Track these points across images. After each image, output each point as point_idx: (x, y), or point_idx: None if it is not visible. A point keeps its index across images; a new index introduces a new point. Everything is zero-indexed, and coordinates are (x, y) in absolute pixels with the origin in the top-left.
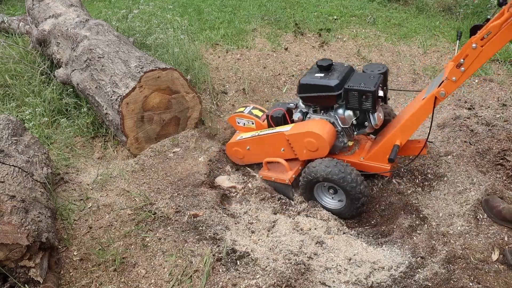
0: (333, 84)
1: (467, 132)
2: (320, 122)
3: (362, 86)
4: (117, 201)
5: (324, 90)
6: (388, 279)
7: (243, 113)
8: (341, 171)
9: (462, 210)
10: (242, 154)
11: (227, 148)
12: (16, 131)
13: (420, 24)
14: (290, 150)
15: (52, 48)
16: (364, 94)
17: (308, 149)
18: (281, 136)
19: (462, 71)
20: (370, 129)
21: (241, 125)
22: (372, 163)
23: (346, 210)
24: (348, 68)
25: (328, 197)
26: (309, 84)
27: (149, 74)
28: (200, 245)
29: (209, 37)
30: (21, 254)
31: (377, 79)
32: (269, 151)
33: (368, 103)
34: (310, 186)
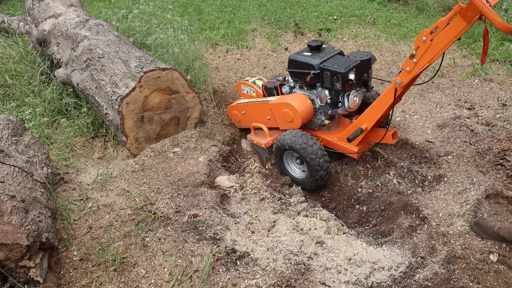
0: (314, 63)
1: (467, 132)
2: (299, 96)
3: (335, 67)
4: (117, 201)
5: (306, 67)
6: (388, 279)
7: (248, 82)
8: (304, 142)
9: (462, 210)
10: (239, 118)
11: (228, 109)
12: (16, 131)
13: (420, 24)
14: (274, 119)
15: (52, 48)
16: (335, 75)
17: (286, 119)
18: (267, 105)
19: (414, 62)
20: (343, 110)
21: (245, 92)
22: (342, 143)
23: (307, 181)
24: (337, 52)
25: (295, 166)
26: (296, 60)
27: (149, 74)
28: (200, 245)
29: (209, 37)
30: (21, 254)
31: (351, 63)
32: (258, 118)
33: (338, 84)
34: (280, 153)
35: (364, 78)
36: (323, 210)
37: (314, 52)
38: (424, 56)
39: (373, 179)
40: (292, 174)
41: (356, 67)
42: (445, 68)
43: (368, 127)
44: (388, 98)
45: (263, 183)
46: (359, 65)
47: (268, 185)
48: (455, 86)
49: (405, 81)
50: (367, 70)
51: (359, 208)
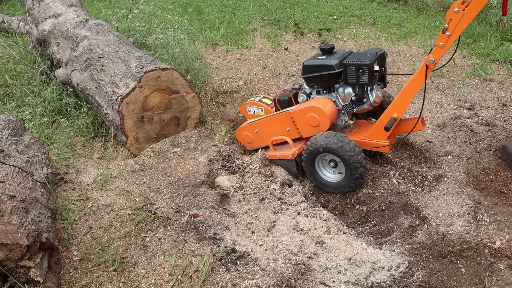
0: (333, 63)
1: (467, 132)
2: (322, 99)
3: (359, 61)
4: (117, 201)
5: (325, 69)
6: (388, 279)
7: (254, 101)
8: (340, 140)
9: (462, 210)
10: (251, 139)
11: (238, 132)
12: (16, 131)
13: (420, 24)
14: (295, 128)
15: (52, 48)
16: (361, 67)
17: (311, 124)
18: (286, 115)
19: (447, 36)
20: (369, 105)
21: (252, 113)
22: (371, 140)
23: (346, 182)
24: (349, 52)
25: (329, 170)
26: (312, 65)
27: (149, 74)
28: (200, 245)
29: (209, 37)
30: (21, 254)
31: (373, 56)
32: (276, 132)
33: (365, 76)
34: (311, 158)
35: (381, 73)
36: (323, 210)
37: (328, 54)
38: (457, 28)
39: (373, 179)
40: (327, 180)
41: (377, 59)
42: (445, 68)
43: (400, 115)
44: (420, 78)
45: (263, 183)
46: (379, 58)
47: (268, 185)
48: (455, 86)
49: (438, 58)
50: (383, 65)
51: (359, 208)
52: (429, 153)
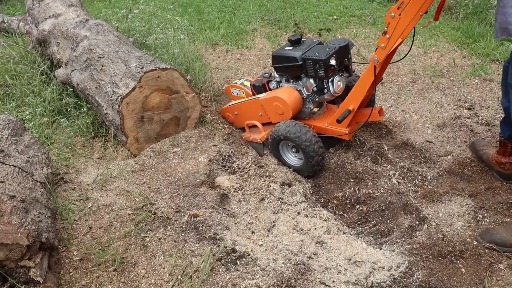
0: (297, 55)
1: (467, 132)
2: (287, 89)
3: (316, 56)
4: (117, 201)
5: (290, 60)
6: (388, 279)
7: (236, 84)
8: (298, 130)
9: (462, 210)
10: (232, 119)
11: (221, 112)
12: (16, 131)
13: (420, 24)
14: (265, 114)
15: (52, 48)
16: (317, 62)
17: (277, 112)
18: (257, 102)
19: (387, 38)
20: (329, 95)
21: (235, 94)
22: (333, 127)
23: (304, 168)
24: (316, 43)
25: (292, 155)
26: (279, 55)
27: (149, 74)
28: (200, 245)
29: (209, 37)
30: (21, 254)
31: (331, 50)
32: (251, 116)
33: (322, 71)
34: (275, 144)
35: (344, 63)
36: (323, 210)
37: (295, 45)
38: (395, 31)
39: (373, 179)
40: (289, 163)
41: (336, 53)
42: (445, 68)
43: (355, 107)
44: (369, 76)
45: (263, 183)
46: (339, 51)
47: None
48: (455, 86)
49: (381, 58)
50: (346, 56)
51: (359, 208)
52: (429, 153)
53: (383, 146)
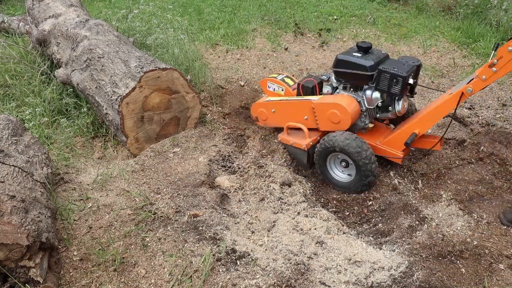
0: (368, 65)
1: (467, 132)
2: (347, 97)
3: (395, 70)
4: (117, 201)
5: (359, 68)
6: (388, 279)
7: (276, 79)
8: (359, 146)
9: (462, 210)
10: (266, 116)
11: (253, 107)
12: (16, 131)
13: (420, 24)
14: (313, 119)
15: (52, 48)
16: (395, 77)
17: (331, 120)
18: (307, 104)
19: (493, 71)
20: (392, 114)
21: (271, 90)
22: (387, 147)
23: (352, 185)
24: (385, 55)
25: (339, 170)
26: (346, 60)
27: (149, 74)
28: (200, 245)
29: (209, 37)
30: (21, 254)
31: (410, 67)
32: (293, 117)
33: (398, 87)
34: (325, 154)
35: (413, 84)
36: (323, 210)
37: (364, 53)
38: (505, 66)
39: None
40: (335, 178)
41: (413, 71)
42: (445, 68)
43: (421, 132)
44: (451, 104)
45: (263, 183)
46: (414, 70)
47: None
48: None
49: (477, 89)
50: (416, 76)
51: (359, 208)
52: (429, 153)
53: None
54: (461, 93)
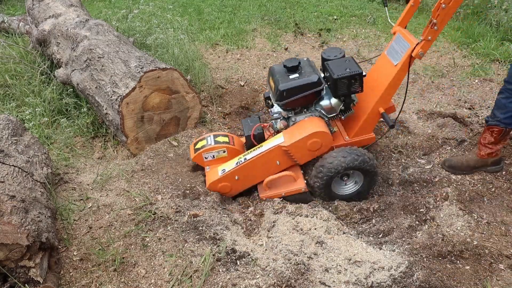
0: (316, 80)
1: (466, 132)
2: (314, 120)
3: (349, 72)
4: (117, 201)
5: (309, 88)
6: (388, 279)
7: (210, 146)
8: (358, 155)
9: (462, 210)
10: (230, 187)
11: (211, 186)
12: (16, 131)
13: (420, 24)
14: (287, 160)
15: (52, 48)
16: (353, 78)
17: (311, 150)
18: (277, 151)
19: (436, 29)
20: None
21: (210, 158)
22: (359, 138)
23: (365, 189)
24: (310, 61)
25: (343, 184)
26: (291, 87)
27: (149, 74)
28: (200, 245)
29: (209, 37)
30: (21, 254)
31: (354, 61)
32: (265, 170)
33: (358, 84)
34: (328, 182)
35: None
36: (323, 210)
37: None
38: (442, 23)
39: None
40: (345, 194)
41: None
42: (445, 68)
43: (385, 108)
44: (404, 72)
45: None
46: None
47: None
48: (455, 86)
49: (426, 50)
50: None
51: (359, 208)
52: (429, 153)
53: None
54: (409, 58)
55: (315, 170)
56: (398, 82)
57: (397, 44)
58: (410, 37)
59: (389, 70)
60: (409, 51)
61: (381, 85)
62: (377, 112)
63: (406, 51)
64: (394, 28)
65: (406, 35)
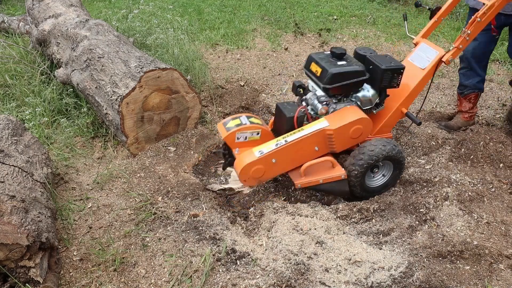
0: (363, 69)
1: (467, 132)
2: (355, 108)
3: (393, 65)
4: (117, 201)
5: (356, 76)
6: (388, 279)
7: (245, 126)
8: (395, 145)
9: (462, 210)
10: (263, 171)
11: (244, 171)
12: (16, 131)
13: (420, 24)
14: (327, 146)
15: (52, 48)
16: (396, 71)
17: (352, 137)
18: (320, 134)
19: (467, 40)
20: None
21: (242, 140)
22: (380, 136)
23: (392, 180)
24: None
25: (372, 177)
26: (342, 72)
27: (149, 74)
28: (200, 245)
29: (209, 37)
30: (21, 254)
31: (393, 58)
32: (303, 155)
33: (398, 79)
34: (365, 172)
35: None
36: (323, 210)
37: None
38: (474, 33)
39: None
40: (375, 186)
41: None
42: (445, 68)
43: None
44: (430, 75)
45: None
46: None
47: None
48: (455, 86)
49: (456, 57)
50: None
51: (359, 208)
52: (429, 153)
53: None
54: (438, 63)
55: (353, 158)
56: (424, 85)
57: (422, 52)
58: (436, 46)
59: (416, 74)
60: (438, 57)
61: (407, 87)
62: (400, 112)
63: (435, 56)
64: (417, 39)
65: (432, 44)
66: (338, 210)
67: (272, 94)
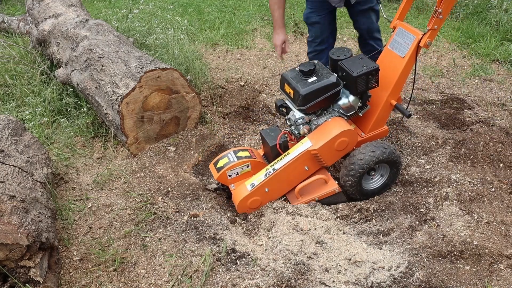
0: (335, 80)
1: (467, 132)
2: (337, 120)
3: (368, 67)
4: (117, 201)
5: (329, 89)
6: (388, 279)
7: (233, 163)
8: (385, 147)
9: (462, 210)
10: (260, 201)
11: (241, 205)
12: (16, 131)
13: (420, 24)
14: (315, 164)
15: (52, 48)
16: (371, 73)
17: (338, 150)
18: (306, 156)
19: (440, 18)
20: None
21: (234, 175)
22: (374, 132)
23: (391, 180)
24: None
25: (370, 179)
26: (313, 91)
27: (149, 74)
28: (200, 245)
29: (209, 37)
30: (21, 254)
31: (367, 58)
32: (294, 178)
33: (375, 80)
34: (360, 179)
35: None
36: (323, 210)
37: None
38: (446, 10)
39: None
40: (374, 188)
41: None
42: (445, 68)
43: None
44: (412, 63)
45: None
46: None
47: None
48: (455, 86)
49: (433, 39)
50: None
51: (359, 208)
52: (429, 153)
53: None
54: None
55: (345, 169)
56: (407, 73)
57: (400, 37)
58: (413, 28)
59: (397, 63)
60: (416, 42)
61: (391, 78)
62: (389, 104)
63: (412, 42)
64: (393, 23)
65: (408, 27)
66: (338, 210)
67: (272, 94)
